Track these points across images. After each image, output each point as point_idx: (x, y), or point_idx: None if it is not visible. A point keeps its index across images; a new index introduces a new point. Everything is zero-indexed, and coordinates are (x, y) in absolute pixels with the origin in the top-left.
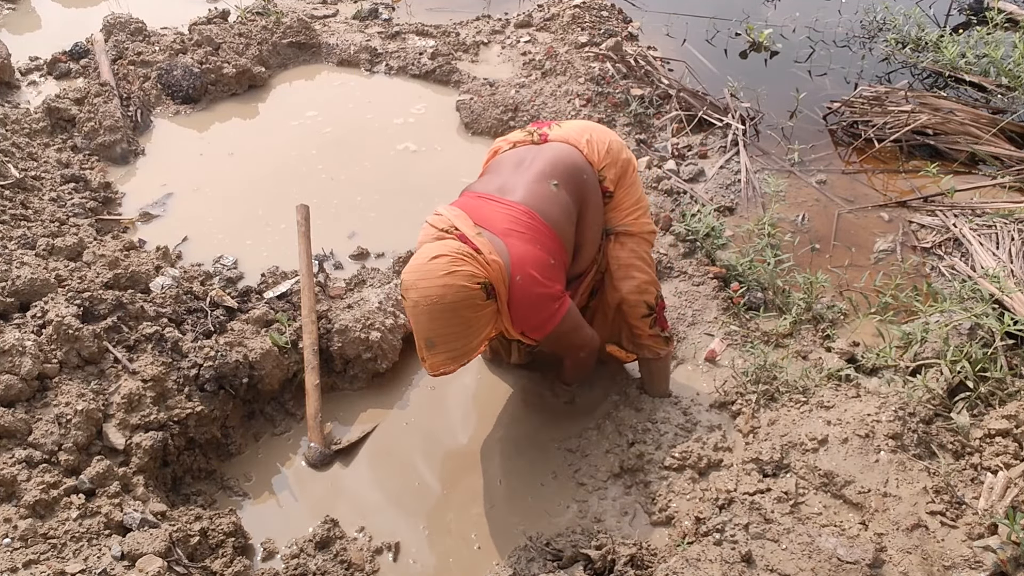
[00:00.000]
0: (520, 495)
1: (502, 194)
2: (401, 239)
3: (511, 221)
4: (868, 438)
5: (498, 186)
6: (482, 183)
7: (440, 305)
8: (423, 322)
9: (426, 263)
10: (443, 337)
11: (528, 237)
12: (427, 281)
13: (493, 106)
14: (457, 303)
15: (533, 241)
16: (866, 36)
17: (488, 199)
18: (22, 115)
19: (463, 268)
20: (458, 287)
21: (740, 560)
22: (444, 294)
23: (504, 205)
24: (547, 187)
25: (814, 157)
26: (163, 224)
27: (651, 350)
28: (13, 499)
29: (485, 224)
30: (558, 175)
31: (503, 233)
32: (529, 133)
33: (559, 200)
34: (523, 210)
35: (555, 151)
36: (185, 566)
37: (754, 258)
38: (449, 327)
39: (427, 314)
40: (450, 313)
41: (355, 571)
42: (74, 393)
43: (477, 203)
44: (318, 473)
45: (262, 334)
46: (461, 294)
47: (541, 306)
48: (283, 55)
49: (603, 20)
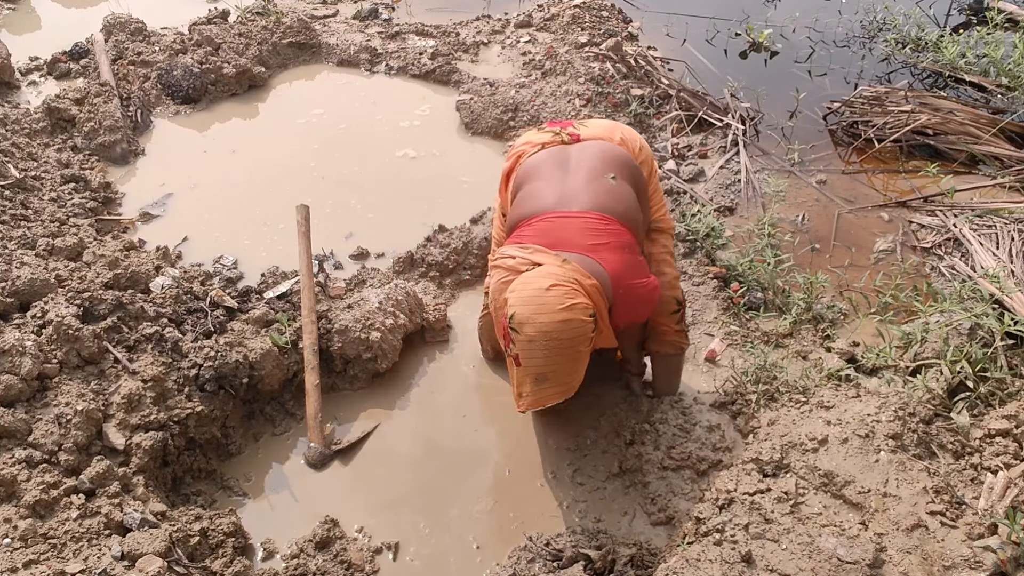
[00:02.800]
0: (520, 495)
1: (566, 206)
2: (400, 239)
3: (590, 234)
4: (868, 438)
5: (556, 198)
6: (534, 199)
7: (558, 341)
8: (539, 358)
9: (541, 295)
10: (558, 373)
11: (613, 245)
12: (545, 316)
13: (493, 106)
14: (575, 338)
15: (618, 247)
16: (866, 36)
17: (555, 217)
18: (22, 115)
19: (579, 300)
20: (577, 322)
21: (740, 560)
22: (563, 329)
23: (575, 218)
24: (606, 183)
25: (814, 157)
26: (163, 224)
27: (674, 345)
28: (13, 499)
29: (565, 247)
30: (612, 168)
31: (588, 250)
32: (555, 134)
33: (621, 193)
34: (595, 216)
35: (599, 147)
36: (185, 566)
37: (754, 258)
38: (566, 362)
39: (544, 350)
40: (569, 349)
41: (355, 571)
42: (74, 393)
43: (546, 226)
44: (318, 473)
45: (262, 334)
46: (579, 329)
47: (645, 302)
48: (283, 55)
49: (603, 20)
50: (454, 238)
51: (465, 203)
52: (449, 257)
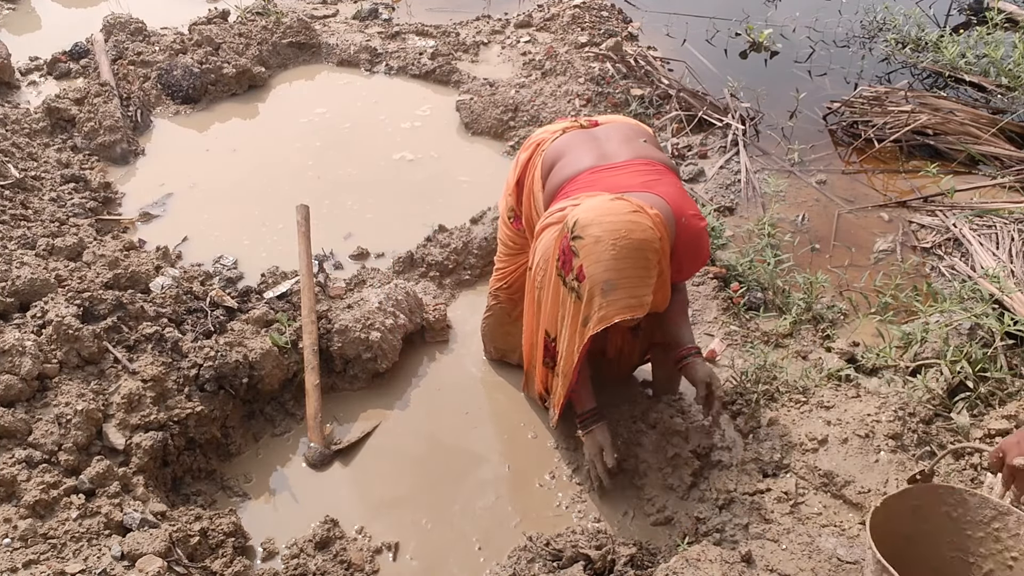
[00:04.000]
0: (519, 495)
1: (607, 160)
2: (400, 239)
3: (642, 174)
4: (868, 438)
5: (596, 157)
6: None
7: (627, 240)
8: (606, 259)
9: (605, 203)
10: (626, 280)
11: (666, 180)
12: (613, 216)
13: (493, 106)
14: (644, 241)
15: (671, 183)
16: (866, 36)
17: (600, 170)
18: (22, 115)
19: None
20: (645, 226)
21: (740, 560)
22: (632, 229)
23: (620, 167)
24: (640, 143)
25: (814, 157)
26: (163, 224)
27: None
28: (13, 499)
29: (619, 190)
30: (641, 135)
31: (644, 186)
32: (573, 121)
33: (655, 150)
34: (641, 162)
35: (622, 123)
36: (185, 566)
37: (754, 258)
38: (635, 268)
39: (612, 249)
40: (638, 252)
41: (355, 571)
42: (74, 393)
43: (592, 178)
44: (318, 473)
45: (262, 334)
46: (648, 233)
47: (705, 237)
48: (283, 55)
49: (603, 20)
50: (454, 238)
51: (465, 203)
52: (449, 257)
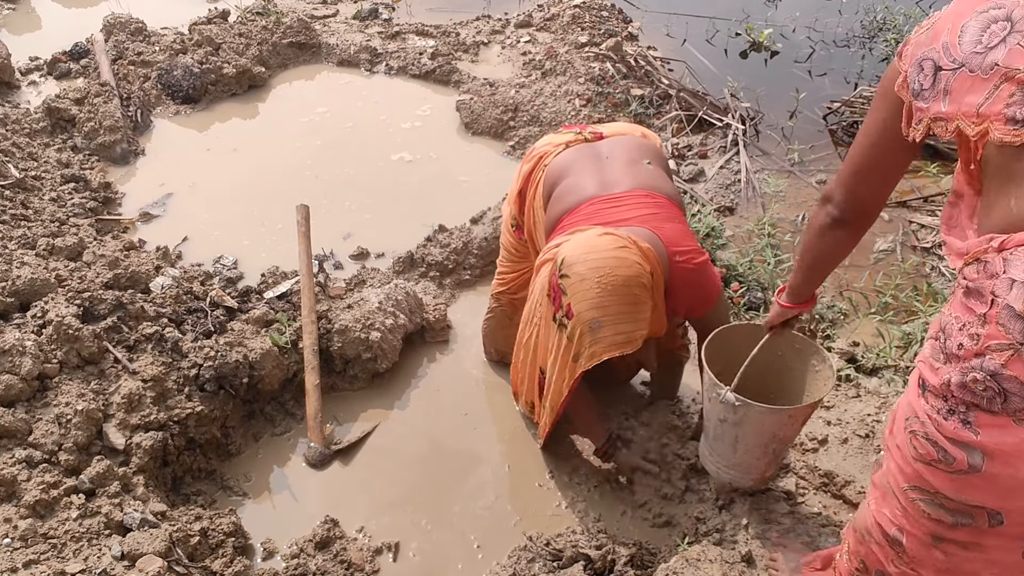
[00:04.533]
0: (519, 495)
1: (609, 190)
2: (400, 239)
3: (640, 208)
4: (868, 438)
5: (598, 185)
6: (575, 191)
7: (612, 277)
8: (591, 299)
9: (592, 239)
10: (612, 317)
11: (663, 215)
12: (596, 254)
13: (493, 106)
14: (630, 277)
15: (669, 218)
16: (866, 36)
17: (601, 201)
18: (22, 115)
19: (633, 250)
20: (631, 261)
21: (740, 560)
22: (616, 265)
23: (621, 198)
24: (644, 167)
25: (814, 157)
26: (163, 224)
27: (674, 356)
28: (13, 499)
29: (617, 224)
30: (646, 155)
31: (640, 221)
32: (577, 134)
33: (659, 174)
34: (642, 193)
35: (627, 138)
36: (185, 566)
37: (754, 258)
38: (620, 305)
39: (598, 287)
40: (623, 288)
41: (355, 571)
42: (74, 393)
43: (592, 210)
44: (318, 473)
45: (262, 334)
46: (634, 269)
47: (705, 274)
48: (283, 55)
49: (603, 20)
50: (454, 238)
51: (465, 203)
52: (449, 257)
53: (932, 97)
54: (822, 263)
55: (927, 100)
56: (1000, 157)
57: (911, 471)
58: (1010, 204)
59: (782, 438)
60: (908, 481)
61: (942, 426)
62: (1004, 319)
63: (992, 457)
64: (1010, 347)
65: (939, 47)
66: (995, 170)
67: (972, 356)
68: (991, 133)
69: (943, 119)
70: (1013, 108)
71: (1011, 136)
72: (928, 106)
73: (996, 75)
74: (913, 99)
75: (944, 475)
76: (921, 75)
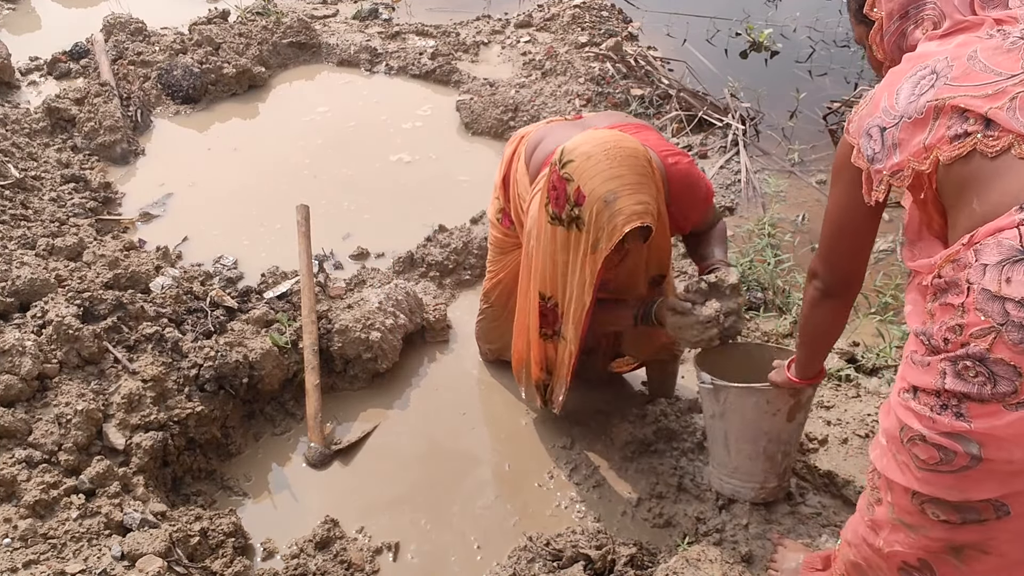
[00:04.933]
0: (519, 495)
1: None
2: (400, 239)
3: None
4: (868, 438)
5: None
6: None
7: (618, 149)
8: (603, 169)
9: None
10: (628, 187)
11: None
12: (598, 135)
13: (493, 106)
14: (636, 150)
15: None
16: None
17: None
18: (22, 115)
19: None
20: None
21: (740, 560)
22: (620, 140)
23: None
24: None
25: (814, 157)
26: (163, 224)
27: (667, 350)
28: (13, 499)
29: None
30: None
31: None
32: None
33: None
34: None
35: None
36: (185, 566)
37: (754, 258)
38: (632, 172)
39: (606, 159)
40: (631, 159)
41: (355, 571)
42: (74, 393)
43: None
44: (318, 473)
45: (262, 334)
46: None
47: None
48: (283, 55)
49: (603, 20)
50: (454, 238)
51: (465, 203)
52: (449, 257)
53: (885, 156)
54: (822, 336)
55: (882, 161)
56: (953, 175)
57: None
58: (972, 207)
59: (770, 434)
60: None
61: (937, 422)
62: (981, 303)
63: (986, 444)
64: (991, 330)
65: (880, 112)
66: (953, 189)
67: (958, 347)
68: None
69: (899, 169)
70: (953, 128)
71: (956, 150)
72: (884, 165)
73: (930, 111)
74: (870, 165)
75: (948, 477)
76: (871, 142)
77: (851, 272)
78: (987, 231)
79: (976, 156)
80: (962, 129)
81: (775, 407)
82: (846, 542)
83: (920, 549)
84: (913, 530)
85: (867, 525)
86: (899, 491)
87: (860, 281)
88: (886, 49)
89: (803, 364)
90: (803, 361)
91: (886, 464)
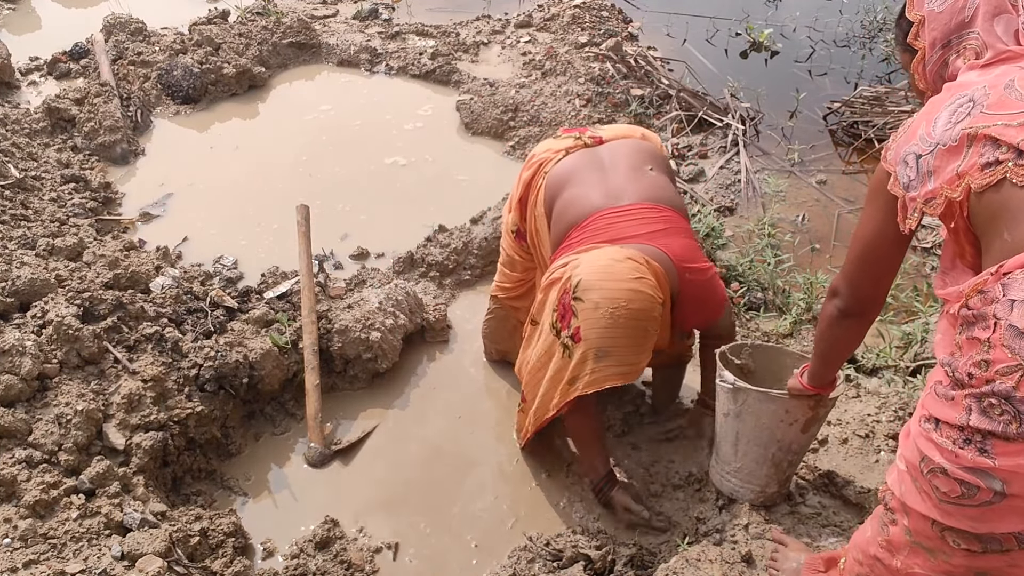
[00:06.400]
0: (519, 495)
1: (615, 202)
2: (400, 239)
3: (646, 223)
4: (868, 438)
5: (603, 196)
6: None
7: (626, 310)
8: (602, 328)
9: (611, 264)
10: (620, 349)
11: (670, 230)
12: (613, 283)
13: (493, 106)
14: (643, 311)
15: (676, 232)
16: (866, 36)
17: (606, 215)
18: (22, 115)
19: (649, 278)
20: (646, 295)
21: (740, 560)
22: (631, 299)
23: (627, 211)
24: (647, 174)
25: (814, 157)
26: (163, 224)
27: (675, 357)
28: (13, 499)
29: (623, 240)
30: (647, 160)
31: (648, 238)
32: (576, 138)
33: (663, 182)
34: (647, 206)
35: (628, 143)
36: (185, 566)
37: (754, 258)
38: (629, 336)
39: (610, 319)
40: (635, 321)
41: (355, 571)
42: (74, 393)
43: (599, 225)
44: (318, 473)
45: (262, 334)
46: (647, 303)
47: (713, 288)
48: (283, 55)
49: (603, 20)
50: (454, 238)
51: (465, 203)
52: (449, 257)
53: (919, 183)
54: (837, 351)
55: (916, 188)
56: (984, 204)
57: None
58: (1003, 237)
59: (781, 442)
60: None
61: (960, 456)
62: (1008, 340)
63: (1009, 482)
64: (1018, 368)
65: (917, 139)
66: (984, 219)
67: (983, 383)
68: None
69: (932, 197)
70: (985, 156)
71: (987, 178)
72: (918, 192)
73: (963, 139)
74: (905, 192)
75: (971, 511)
76: (907, 169)
77: (873, 296)
78: (1016, 263)
79: (1007, 185)
80: (994, 157)
81: (793, 417)
82: (855, 560)
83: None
84: (933, 554)
85: (881, 546)
86: (917, 517)
87: (881, 304)
88: (928, 78)
89: (816, 374)
90: (817, 371)
91: (905, 491)
